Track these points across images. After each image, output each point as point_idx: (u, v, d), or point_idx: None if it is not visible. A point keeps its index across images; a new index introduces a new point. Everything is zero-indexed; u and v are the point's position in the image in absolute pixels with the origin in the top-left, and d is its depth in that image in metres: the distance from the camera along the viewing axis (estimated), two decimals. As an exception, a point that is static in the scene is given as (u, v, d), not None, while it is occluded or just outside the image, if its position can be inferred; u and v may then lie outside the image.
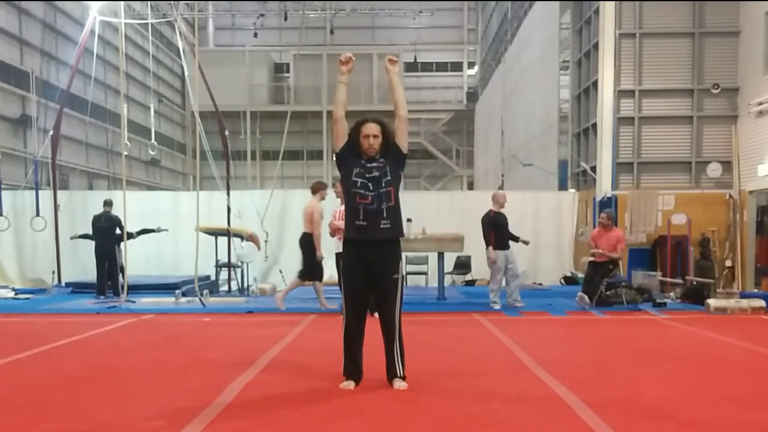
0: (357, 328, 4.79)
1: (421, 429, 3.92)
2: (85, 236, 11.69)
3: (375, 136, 4.65)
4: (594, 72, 14.03)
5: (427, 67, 35.75)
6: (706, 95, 13.32)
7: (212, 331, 8.00)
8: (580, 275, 11.98)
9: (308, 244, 9.38)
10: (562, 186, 16.56)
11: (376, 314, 4.95)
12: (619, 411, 4.25)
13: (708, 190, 13.15)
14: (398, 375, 4.81)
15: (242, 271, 12.19)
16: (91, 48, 13.35)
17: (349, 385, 4.81)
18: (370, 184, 4.64)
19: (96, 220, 11.40)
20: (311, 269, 9.56)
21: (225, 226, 12.18)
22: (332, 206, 9.38)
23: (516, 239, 9.93)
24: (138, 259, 12.40)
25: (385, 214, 4.66)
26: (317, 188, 9.74)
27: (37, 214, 12.67)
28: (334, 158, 4.83)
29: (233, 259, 12.37)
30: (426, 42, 35.21)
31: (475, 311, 9.49)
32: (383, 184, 4.66)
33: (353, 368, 4.85)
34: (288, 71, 34.22)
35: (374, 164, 4.69)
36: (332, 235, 8.78)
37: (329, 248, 9.27)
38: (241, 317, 9.14)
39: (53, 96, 17.69)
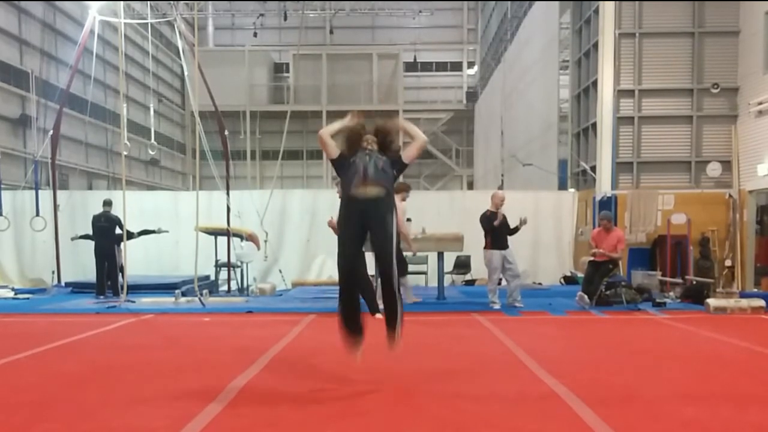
0: (352, 273, 4.90)
1: (421, 429, 3.92)
2: (85, 236, 11.69)
3: (373, 140, 5.02)
4: (594, 72, 14.02)
5: (426, 66, 35.73)
6: (705, 95, 13.31)
7: (212, 331, 8.00)
8: (580, 275, 11.97)
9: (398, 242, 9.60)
10: (562, 186, 16.55)
11: (378, 315, 4.97)
12: (619, 410, 4.25)
13: (708, 189, 13.14)
14: (393, 332, 4.88)
15: (242, 270, 12.18)
16: (90, 48, 13.34)
17: (357, 350, 4.90)
18: (369, 168, 4.88)
19: (96, 220, 11.39)
20: (399, 265, 9.74)
21: (225, 225, 12.18)
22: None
23: (517, 229, 9.92)
24: (138, 259, 12.40)
25: (378, 185, 4.88)
26: (399, 189, 9.92)
27: (37, 214, 12.67)
28: (332, 164, 5.11)
29: (233, 259, 12.37)
30: (426, 42, 35.19)
31: (474, 311, 9.49)
32: (380, 170, 4.91)
33: (355, 330, 4.91)
34: (288, 71, 34.19)
35: (372, 157, 4.94)
36: (336, 232, 8.76)
37: (331, 248, 9.25)
38: (241, 317, 9.13)
39: (53, 96, 17.69)
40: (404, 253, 9.91)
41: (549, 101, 17.74)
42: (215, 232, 11.85)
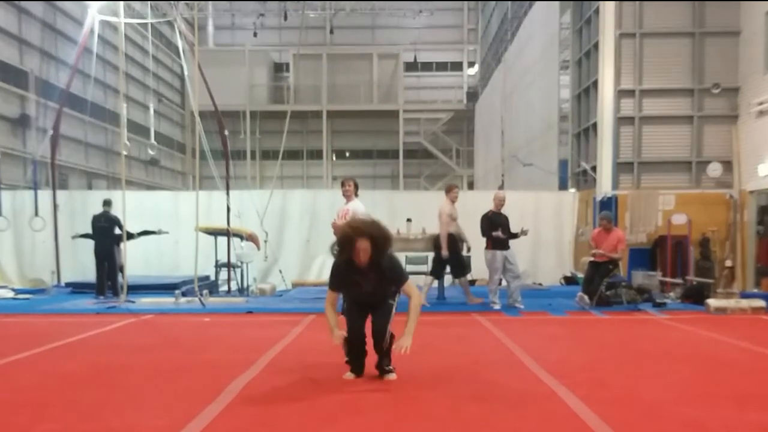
0: (357, 342, 5.10)
1: (421, 429, 3.92)
2: (85, 235, 11.69)
3: (365, 250, 4.93)
4: (594, 72, 14.02)
5: (427, 66, 35.74)
6: (706, 95, 13.31)
7: (212, 331, 7.99)
8: (580, 275, 11.97)
9: (451, 242, 9.94)
10: (563, 186, 16.54)
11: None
12: (619, 411, 4.25)
13: (708, 190, 13.13)
14: (386, 367, 5.11)
15: (242, 271, 12.18)
16: (90, 48, 13.34)
17: (350, 376, 5.11)
18: (366, 299, 5.15)
19: (95, 220, 11.39)
20: (458, 265, 10.21)
21: (224, 226, 12.17)
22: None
23: (516, 236, 9.92)
24: (138, 259, 12.39)
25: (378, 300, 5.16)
26: (448, 189, 10.24)
27: (36, 214, 12.68)
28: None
29: (233, 259, 12.36)
30: (426, 42, 35.21)
31: (475, 311, 9.50)
32: (378, 297, 5.13)
33: (356, 365, 5.16)
34: (288, 71, 34.22)
35: (369, 282, 5.06)
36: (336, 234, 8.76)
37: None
38: (241, 317, 9.13)
39: (53, 96, 17.70)
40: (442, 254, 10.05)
41: (549, 101, 17.73)
42: (215, 232, 11.85)
